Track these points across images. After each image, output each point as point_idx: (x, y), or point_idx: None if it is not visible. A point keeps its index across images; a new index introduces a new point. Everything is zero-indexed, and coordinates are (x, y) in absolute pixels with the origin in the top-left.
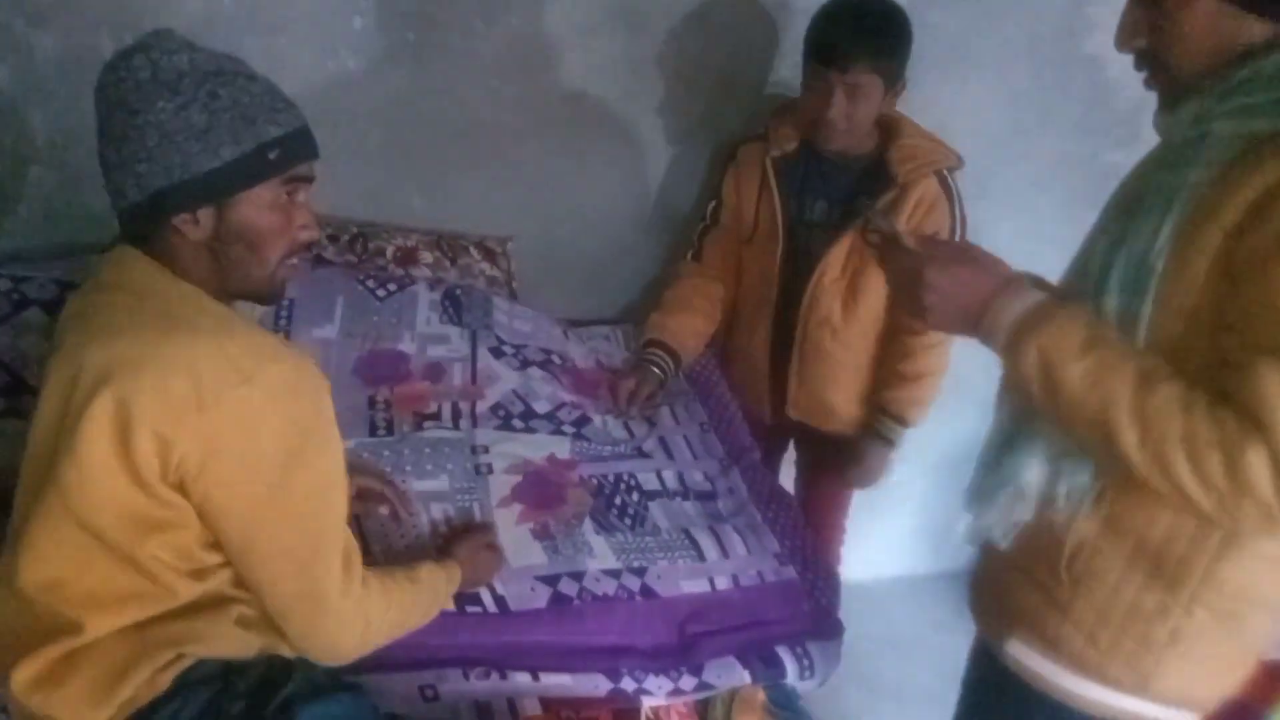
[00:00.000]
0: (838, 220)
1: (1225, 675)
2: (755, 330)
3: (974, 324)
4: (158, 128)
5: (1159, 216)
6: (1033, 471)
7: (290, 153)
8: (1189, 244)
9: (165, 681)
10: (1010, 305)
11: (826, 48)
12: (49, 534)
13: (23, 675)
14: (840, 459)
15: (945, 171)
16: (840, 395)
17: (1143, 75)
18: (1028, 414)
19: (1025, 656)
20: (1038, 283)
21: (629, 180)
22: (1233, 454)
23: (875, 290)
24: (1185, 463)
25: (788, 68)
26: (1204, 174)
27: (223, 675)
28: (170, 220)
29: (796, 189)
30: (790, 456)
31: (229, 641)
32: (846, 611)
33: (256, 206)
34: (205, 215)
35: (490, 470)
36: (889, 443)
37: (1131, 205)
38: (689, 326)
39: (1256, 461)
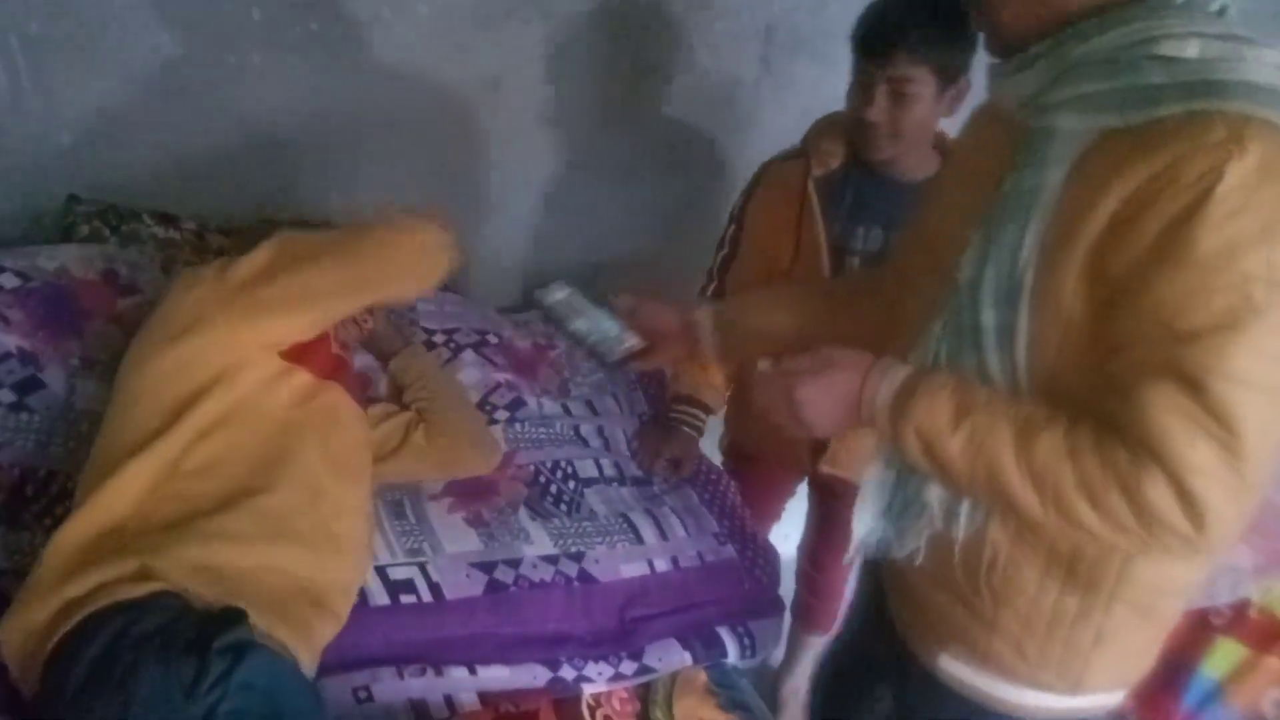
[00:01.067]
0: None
1: (1149, 653)
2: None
3: (855, 421)
4: None
5: (1022, 223)
6: (934, 491)
7: None
8: (1055, 254)
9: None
10: (879, 392)
11: (867, 34)
12: None
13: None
14: None
15: None
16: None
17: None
18: None
19: (959, 671)
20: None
21: (550, 168)
22: (1131, 491)
23: None
24: (1090, 512)
25: (712, 57)
26: (1059, 172)
27: (179, 607)
28: None
29: (843, 213)
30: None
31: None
32: (786, 589)
33: None
34: None
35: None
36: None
37: (994, 210)
38: (718, 375)
39: (1156, 492)
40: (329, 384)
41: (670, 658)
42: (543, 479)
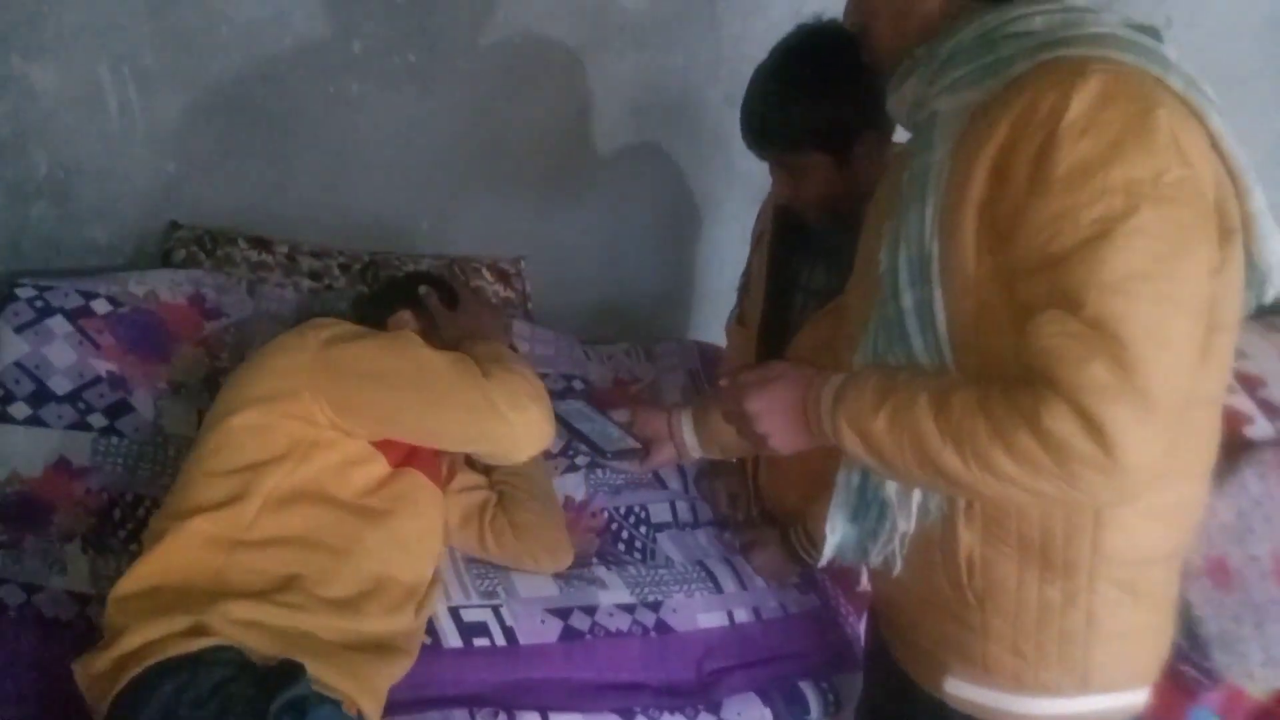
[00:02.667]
0: (834, 292)
1: (1156, 639)
2: None
3: (807, 431)
4: None
5: (920, 203)
6: (890, 485)
7: None
8: (951, 224)
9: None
10: (819, 399)
11: (742, 129)
12: None
13: None
14: None
15: None
16: (801, 503)
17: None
18: None
19: (965, 690)
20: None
21: (642, 197)
22: (1034, 424)
23: None
24: (1007, 459)
25: None
26: (943, 150)
27: (236, 662)
28: None
29: (798, 247)
30: None
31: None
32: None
33: None
34: None
35: None
36: (795, 556)
37: (899, 200)
38: None
39: (1057, 422)
40: (405, 470)
41: (750, 713)
42: (615, 525)
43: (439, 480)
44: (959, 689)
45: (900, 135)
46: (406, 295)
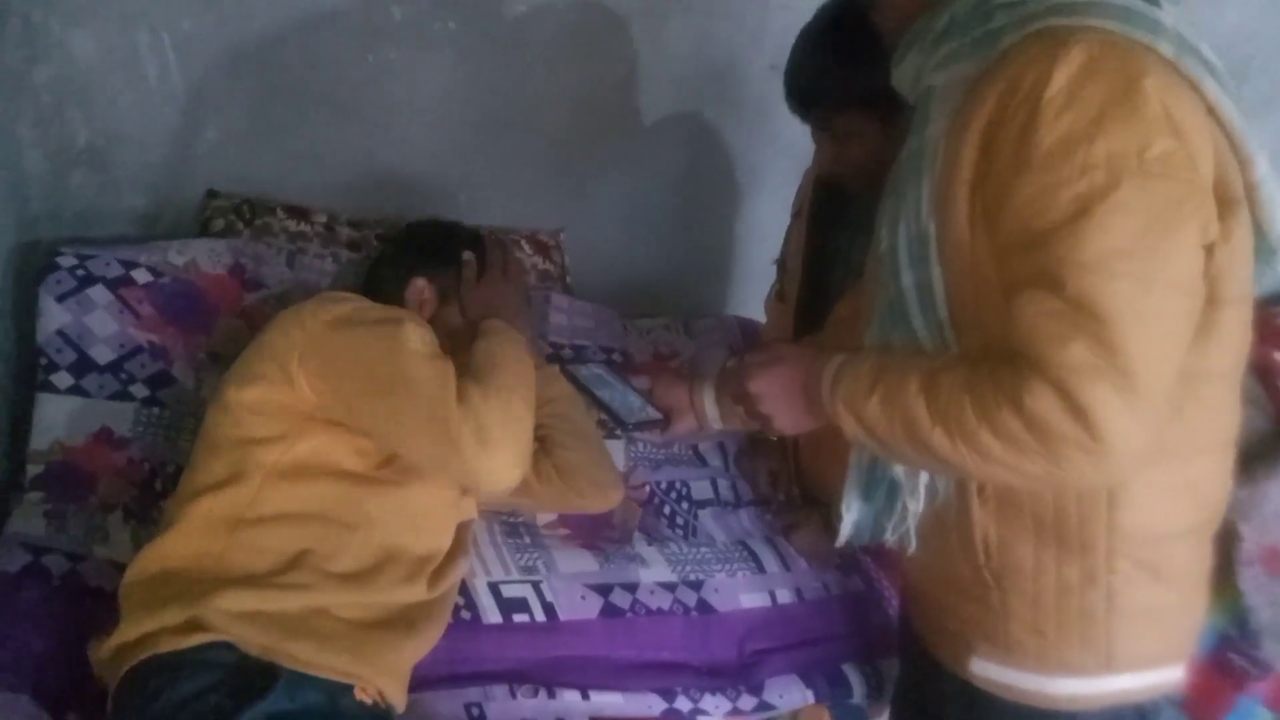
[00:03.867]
0: None
1: (1183, 617)
2: None
3: (809, 413)
4: None
5: (917, 181)
6: (900, 467)
7: None
8: (946, 201)
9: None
10: (819, 381)
11: (787, 94)
12: None
13: None
14: None
15: None
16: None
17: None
18: None
19: (990, 671)
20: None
21: (684, 168)
22: (1017, 403)
23: None
24: (993, 439)
25: None
26: (938, 127)
27: (222, 664)
28: None
29: (839, 218)
30: None
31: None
32: None
33: None
34: None
35: None
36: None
37: (897, 178)
38: None
39: (1039, 402)
40: None
41: (791, 695)
42: (657, 500)
43: None
44: (985, 669)
45: None
46: (430, 258)
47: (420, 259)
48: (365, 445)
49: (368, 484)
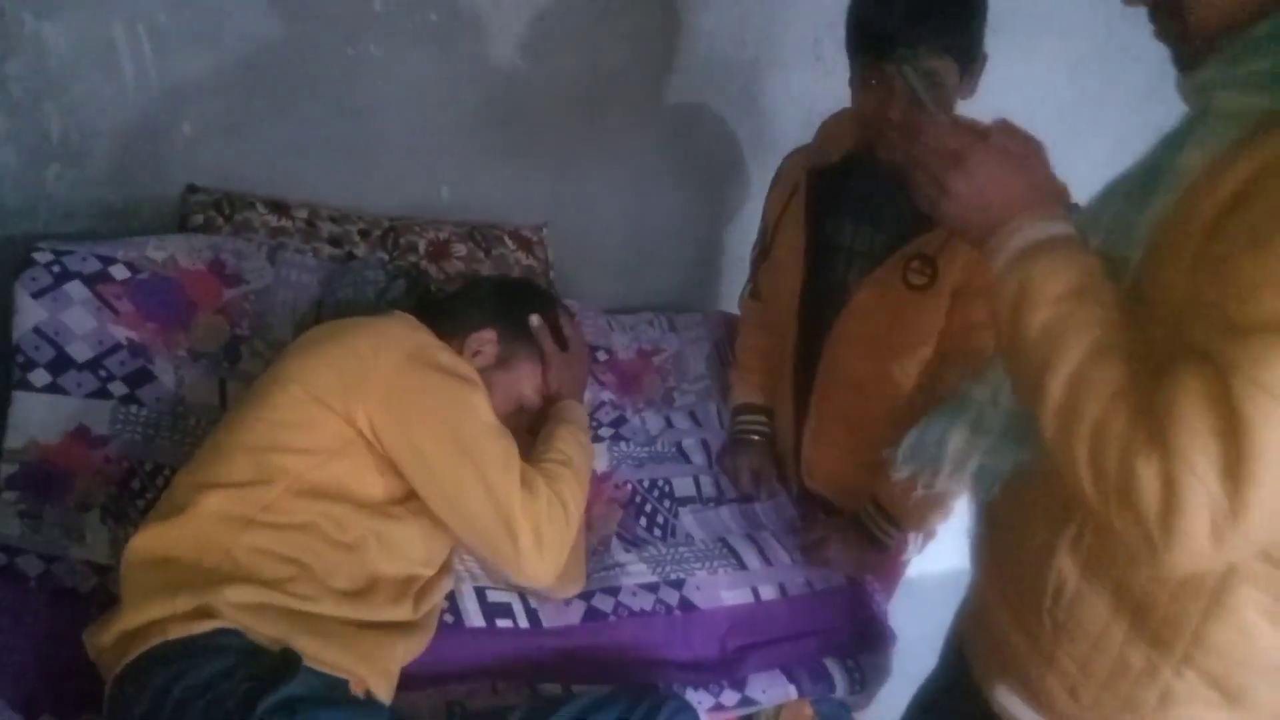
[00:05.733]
0: (882, 252)
1: None
2: (780, 379)
3: (986, 234)
4: None
5: (1139, 202)
6: (957, 441)
7: None
8: (1174, 236)
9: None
10: (1026, 229)
11: (876, 33)
12: None
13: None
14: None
15: None
16: (861, 472)
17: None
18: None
19: (1012, 705)
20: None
21: (668, 162)
22: (1128, 459)
23: (918, 344)
24: (1086, 450)
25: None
26: (1197, 157)
27: (236, 649)
28: None
29: (832, 208)
30: None
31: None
32: (896, 609)
33: None
34: None
35: None
36: (873, 540)
37: (1117, 187)
38: (767, 380)
39: (1146, 475)
40: None
41: (774, 690)
42: (638, 498)
43: None
44: (1006, 699)
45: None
46: (508, 313)
47: (500, 311)
48: (393, 482)
49: (380, 515)
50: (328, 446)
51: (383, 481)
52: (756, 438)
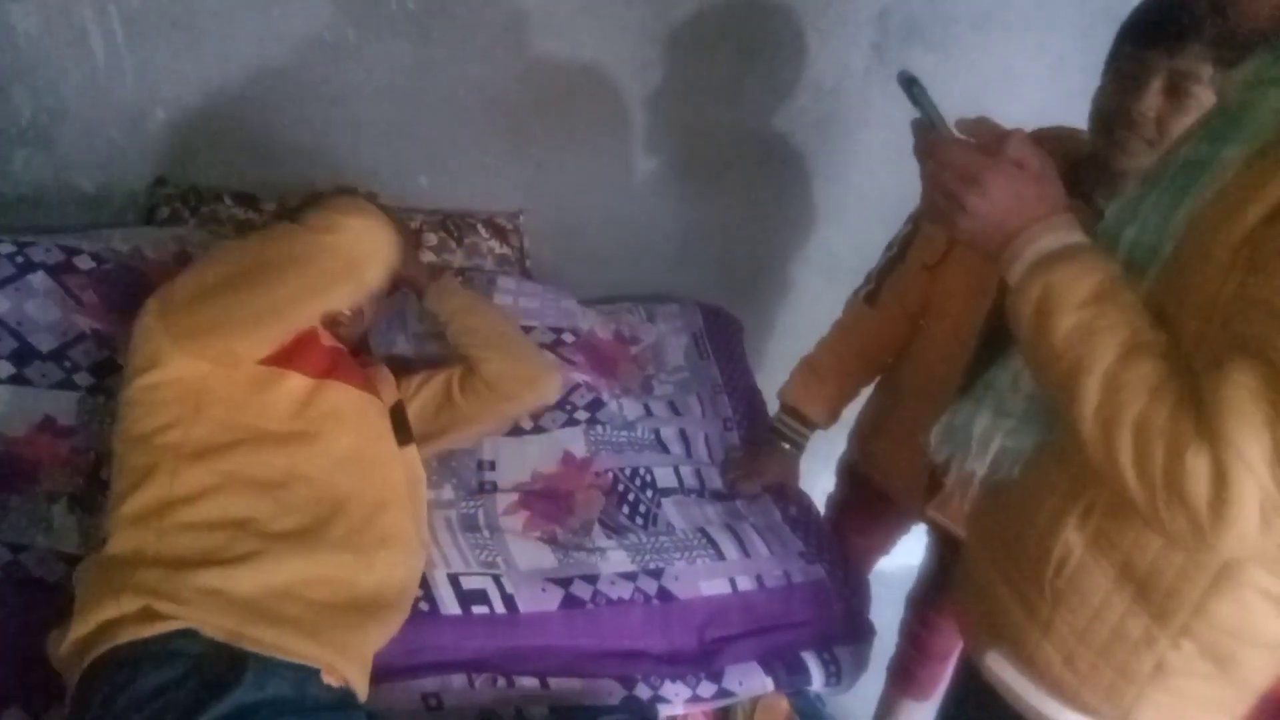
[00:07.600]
0: None
1: (1222, 713)
2: (936, 398)
3: (1000, 246)
4: None
5: (1176, 194)
6: (982, 424)
7: None
8: (1211, 232)
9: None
10: (1042, 238)
11: (1158, 19)
12: None
13: None
14: None
15: None
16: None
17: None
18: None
19: (1003, 671)
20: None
21: (646, 153)
22: (1176, 451)
23: None
24: (1130, 447)
25: (822, 43)
26: (1239, 151)
27: (187, 655)
28: None
29: None
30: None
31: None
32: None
33: None
34: None
35: (495, 488)
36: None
37: (1154, 174)
38: (838, 393)
39: (1196, 467)
40: (327, 383)
41: (751, 682)
42: (621, 487)
43: (370, 387)
44: (999, 666)
45: None
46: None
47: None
48: (269, 401)
49: (287, 440)
50: (184, 403)
51: (273, 396)
52: (790, 447)
